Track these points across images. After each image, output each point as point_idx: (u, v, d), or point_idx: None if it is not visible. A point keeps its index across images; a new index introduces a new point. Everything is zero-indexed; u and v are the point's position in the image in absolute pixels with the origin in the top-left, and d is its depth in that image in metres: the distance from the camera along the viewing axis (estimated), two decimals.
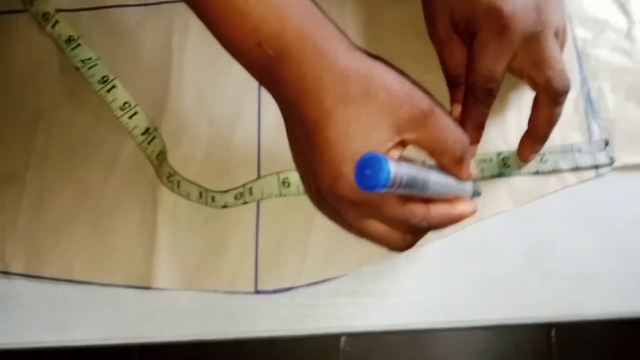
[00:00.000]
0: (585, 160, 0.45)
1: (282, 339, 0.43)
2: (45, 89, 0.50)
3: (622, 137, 0.46)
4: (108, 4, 0.53)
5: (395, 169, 0.30)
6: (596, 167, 0.45)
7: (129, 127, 0.48)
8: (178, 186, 0.45)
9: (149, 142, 0.47)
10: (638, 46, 0.48)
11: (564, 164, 0.45)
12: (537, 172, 0.45)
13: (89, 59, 0.50)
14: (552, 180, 0.45)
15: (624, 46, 0.49)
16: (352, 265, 0.44)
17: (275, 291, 0.43)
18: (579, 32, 0.49)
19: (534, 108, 0.43)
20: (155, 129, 0.48)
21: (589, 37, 0.49)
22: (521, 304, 0.43)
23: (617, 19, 0.50)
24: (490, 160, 0.46)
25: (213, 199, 0.45)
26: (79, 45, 0.50)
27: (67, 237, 0.45)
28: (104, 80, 0.49)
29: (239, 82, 0.49)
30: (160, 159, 0.47)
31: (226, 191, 0.45)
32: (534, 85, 0.42)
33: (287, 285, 0.43)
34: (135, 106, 0.48)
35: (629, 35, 0.49)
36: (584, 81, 0.48)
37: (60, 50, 0.50)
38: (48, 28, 0.51)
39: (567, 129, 0.46)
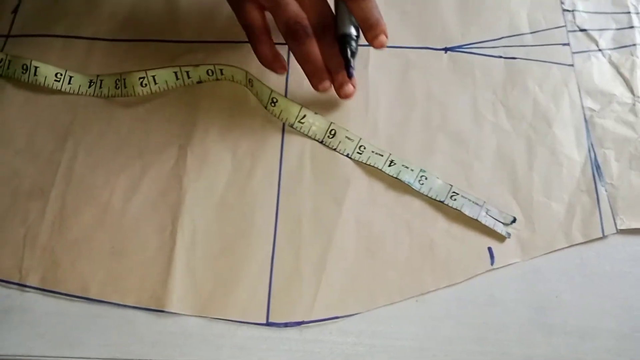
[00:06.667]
0: (486, 220, 0.47)
1: None
2: (76, 109, 0.51)
3: (624, 202, 0.48)
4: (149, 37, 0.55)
5: None
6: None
7: (76, 91, 0.51)
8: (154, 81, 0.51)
9: (100, 87, 0.51)
10: None
11: (466, 211, 0.47)
12: (442, 202, 0.47)
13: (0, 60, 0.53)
14: (560, 238, 0.47)
15: (628, 119, 0.52)
16: (363, 304, 0.44)
17: (286, 324, 0.44)
18: (587, 102, 0.52)
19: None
20: (98, 76, 0.52)
21: (596, 107, 0.52)
22: (522, 356, 0.43)
23: (623, 94, 0.53)
24: (412, 170, 0.48)
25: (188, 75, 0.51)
26: None
27: (85, 255, 0.45)
28: (25, 68, 0.51)
29: (264, 118, 0.51)
30: (119, 83, 0.51)
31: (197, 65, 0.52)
32: None
33: (299, 319, 0.44)
34: (66, 72, 0.51)
35: (632, 109, 0.52)
36: (591, 147, 0.50)
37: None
38: None
39: (576, 190, 0.48)
